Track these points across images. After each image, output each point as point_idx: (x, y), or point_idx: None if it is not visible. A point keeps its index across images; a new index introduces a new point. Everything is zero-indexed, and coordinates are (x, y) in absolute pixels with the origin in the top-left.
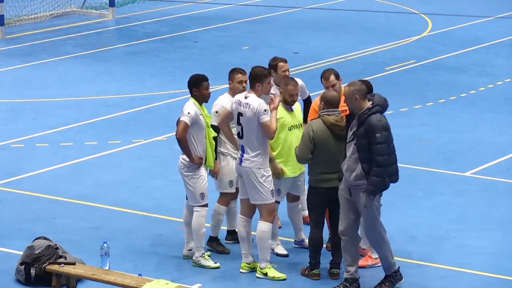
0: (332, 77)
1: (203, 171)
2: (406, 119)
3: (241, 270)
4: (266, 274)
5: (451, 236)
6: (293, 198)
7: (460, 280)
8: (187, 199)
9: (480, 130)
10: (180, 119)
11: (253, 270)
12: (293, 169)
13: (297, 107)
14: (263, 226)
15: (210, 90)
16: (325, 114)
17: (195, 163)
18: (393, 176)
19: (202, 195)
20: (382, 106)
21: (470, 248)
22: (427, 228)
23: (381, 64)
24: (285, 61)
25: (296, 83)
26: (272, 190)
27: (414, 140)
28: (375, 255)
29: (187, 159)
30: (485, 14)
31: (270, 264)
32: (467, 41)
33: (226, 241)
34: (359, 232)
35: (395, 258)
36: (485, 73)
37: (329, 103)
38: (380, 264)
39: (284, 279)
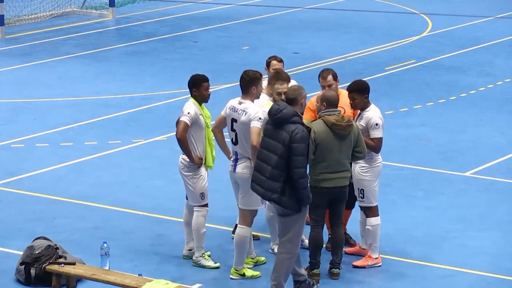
0: (330, 77)
1: (203, 171)
2: (406, 119)
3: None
4: (243, 275)
5: (451, 236)
6: None
7: (460, 280)
8: (187, 199)
9: (480, 130)
10: (180, 119)
11: (256, 264)
12: None
13: None
14: (244, 231)
15: (210, 90)
16: (325, 114)
17: (195, 163)
18: None
19: (202, 195)
20: None
21: (470, 248)
22: (427, 228)
23: (381, 64)
24: (280, 61)
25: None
26: None
27: (414, 140)
28: (375, 255)
29: (187, 159)
30: (485, 14)
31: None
32: (467, 41)
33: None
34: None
35: (394, 258)
36: (485, 73)
37: (330, 103)
38: (380, 264)
39: (259, 276)
